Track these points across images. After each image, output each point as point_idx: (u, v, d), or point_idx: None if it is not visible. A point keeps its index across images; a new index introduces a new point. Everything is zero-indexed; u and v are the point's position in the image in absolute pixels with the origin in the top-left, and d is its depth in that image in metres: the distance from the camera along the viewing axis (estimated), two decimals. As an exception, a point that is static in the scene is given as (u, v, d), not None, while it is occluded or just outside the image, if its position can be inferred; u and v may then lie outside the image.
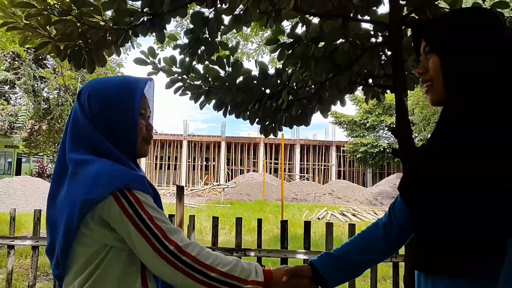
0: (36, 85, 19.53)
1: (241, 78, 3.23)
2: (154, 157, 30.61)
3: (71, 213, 1.04)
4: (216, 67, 3.18)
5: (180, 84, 3.29)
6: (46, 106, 20.38)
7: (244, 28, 10.46)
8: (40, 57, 19.74)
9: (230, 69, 3.19)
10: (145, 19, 2.78)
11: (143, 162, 29.52)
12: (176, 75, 3.25)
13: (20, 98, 21.80)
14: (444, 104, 1.04)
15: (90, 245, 1.07)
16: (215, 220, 3.42)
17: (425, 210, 1.06)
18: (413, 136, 2.78)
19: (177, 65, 3.20)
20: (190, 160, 31.13)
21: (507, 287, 0.84)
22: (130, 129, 1.16)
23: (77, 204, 1.02)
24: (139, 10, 2.75)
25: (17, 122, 19.49)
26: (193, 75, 3.24)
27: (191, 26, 3.04)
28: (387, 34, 2.90)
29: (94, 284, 1.05)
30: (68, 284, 1.10)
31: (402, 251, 2.95)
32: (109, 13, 2.83)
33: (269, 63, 10.13)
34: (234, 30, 3.10)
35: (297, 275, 1.25)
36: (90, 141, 1.12)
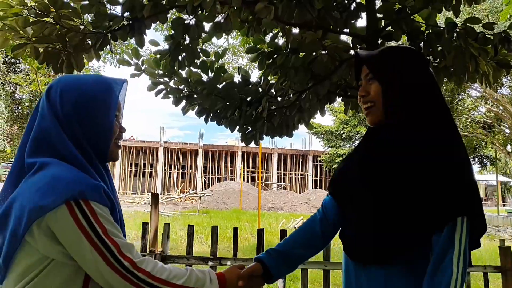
0: (8, 89, 18.94)
1: (223, 84, 3.24)
2: (129, 164, 30.08)
3: (19, 218, 0.96)
4: (199, 71, 3.19)
5: (162, 87, 3.27)
6: (19, 110, 19.79)
7: (235, 42, 10.51)
8: (12, 61, 19.18)
9: (212, 74, 3.20)
10: (125, 24, 2.76)
11: (117, 170, 28.94)
12: (158, 78, 3.23)
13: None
14: (381, 123, 1.24)
15: (30, 254, 1.00)
16: (191, 228, 3.38)
17: (356, 208, 1.24)
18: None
19: (161, 68, 3.18)
20: (166, 167, 30.75)
21: (433, 276, 1.05)
22: (105, 130, 1.11)
23: (26, 209, 0.95)
24: (119, 14, 2.73)
25: None
26: (176, 78, 3.23)
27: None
28: (365, 46, 2.98)
29: None
30: None
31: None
32: (89, 16, 2.80)
33: (257, 77, 10.24)
34: (221, 43, 3.13)
35: (251, 276, 1.31)
36: (53, 143, 1.05)
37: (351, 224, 1.28)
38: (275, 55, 3.14)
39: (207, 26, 3.05)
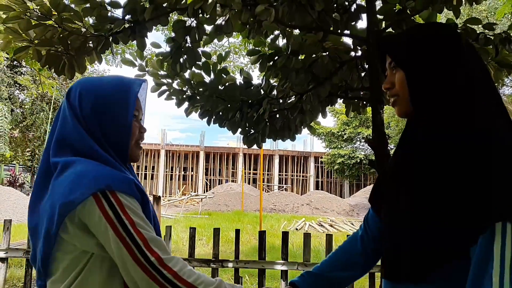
0: (10, 92, 18.97)
1: (224, 86, 3.25)
2: (131, 166, 30.06)
3: (51, 216, 0.97)
4: (202, 72, 3.20)
5: (165, 88, 3.29)
6: (20, 113, 19.83)
7: (236, 41, 10.54)
8: (15, 64, 19.21)
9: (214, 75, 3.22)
10: (126, 26, 2.77)
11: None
12: (161, 79, 3.25)
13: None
14: (411, 116, 1.07)
15: (69, 251, 0.99)
16: (192, 230, 3.39)
17: (389, 218, 1.10)
18: (388, 148, 2.85)
19: (164, 69, 3.20)
20: (167, 170, 30.74)
21: None
22: (123, 131, 1.10)
23: (57, 206, 0.95)
24: (120, 17, 2.74)
25: None
26: (179, 79, 3.25)
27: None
28: (365, 48, 2.98)
29: None
30: None
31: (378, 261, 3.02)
32: (90, 19, 2.81)
33: (258, 77, 10.21)
34: (222, 43, 3.14)
35: None
36: (76, 143, 1.05)
37: (385, 237, 1.15)
38: (276, 57, 3.15)
39: (208, 28, 3.07)
